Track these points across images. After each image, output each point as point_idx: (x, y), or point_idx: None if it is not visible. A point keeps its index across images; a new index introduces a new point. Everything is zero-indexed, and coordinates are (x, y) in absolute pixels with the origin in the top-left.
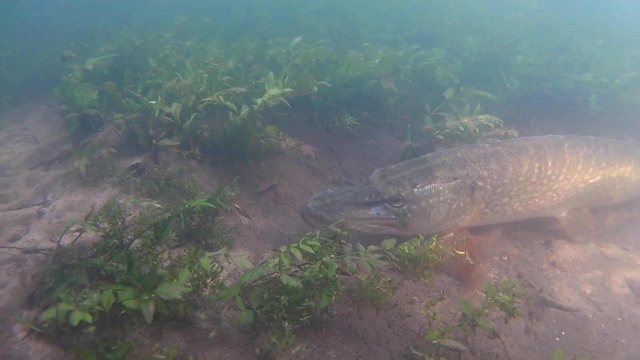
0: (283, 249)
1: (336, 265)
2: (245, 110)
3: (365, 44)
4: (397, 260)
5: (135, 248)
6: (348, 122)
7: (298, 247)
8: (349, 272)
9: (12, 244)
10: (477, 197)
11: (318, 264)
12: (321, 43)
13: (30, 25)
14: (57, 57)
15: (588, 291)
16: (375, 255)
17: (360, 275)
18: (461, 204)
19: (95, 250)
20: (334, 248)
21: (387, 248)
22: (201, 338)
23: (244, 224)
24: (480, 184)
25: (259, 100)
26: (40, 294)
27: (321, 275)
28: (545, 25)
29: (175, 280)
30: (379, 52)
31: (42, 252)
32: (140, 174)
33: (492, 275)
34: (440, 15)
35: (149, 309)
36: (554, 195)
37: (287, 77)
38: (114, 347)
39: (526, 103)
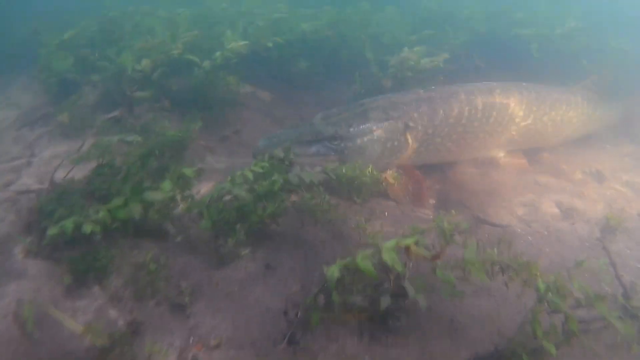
0: (238, 172)
1: (281, 180)
2: (207, 63)
3: (325, 7)
4: (335, 178)
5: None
6: (302, 66)
7: (250, 169)
8: (294, 188)
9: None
10: (409, 137)
11: (268, 181)
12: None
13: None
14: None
15: (520, 212)
16: (318, 173)
17: (306, 193)
18: (395, 143)
19: (89, 178)
20: (283, 168)
21: (329, 169)
22: (172, 246)
23: (211, 161)
24: (411, 124)
25: (218, 53)
26: (38, 220)
27: (267, 189)
28: None
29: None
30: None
31: (34, 192)
32: (117, 125)
33: (432, 201)
34: None
35: (137, 208)
36: (487, 136)
37: (244, 34)
38: (99, 257)
39: (472, 57)
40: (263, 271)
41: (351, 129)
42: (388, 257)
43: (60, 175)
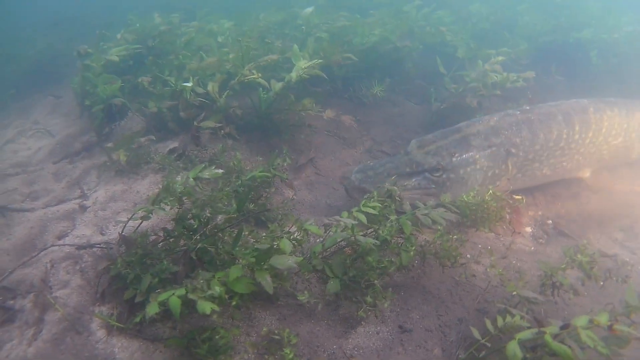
0: (344, 215)
1: (409, 223)
2: (278, 85)
3: (371, 12)
4: (458, 211)
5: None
6: (376, 92)
7: (360, 211)
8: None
9: (61, 242)
10: (511, 164)
11: (389, 222)
12: (340, 16)
13: (23, 13)
14: (59, 47)
15: (620, 238)
16: (439, 209)
17: (425, 235)
18: (496, 171)
19: (172, 234)
20: (393, 208)
21: (447, 202)
22: (289, 314)
23: (293, 197)
24: (513, 150)
25: (293, 74)
26: (115, 288)
27: (392, 233)
28: None
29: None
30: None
31: (98, 246)
32: (180, 158)
33: (529, 230)
34: None
35: (267, 280)
36: (581, 158)
37: (311, 50)
38: (217, 336)
39: (532, 63)
40: (399, 335)
41: (454, 159)
42: (588, 339)
43: (119, 228)
